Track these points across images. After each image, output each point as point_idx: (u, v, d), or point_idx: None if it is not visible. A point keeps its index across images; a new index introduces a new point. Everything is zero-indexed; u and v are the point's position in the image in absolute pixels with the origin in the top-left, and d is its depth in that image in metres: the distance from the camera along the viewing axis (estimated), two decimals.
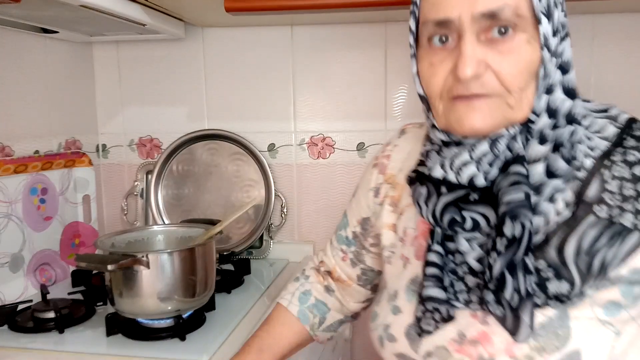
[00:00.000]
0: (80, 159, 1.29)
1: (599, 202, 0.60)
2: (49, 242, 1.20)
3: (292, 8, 1.04)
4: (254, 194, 1.35)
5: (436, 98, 0.63)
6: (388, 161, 0.80)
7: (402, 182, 0.75)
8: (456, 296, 0.64)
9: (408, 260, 0.72)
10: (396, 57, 1.29)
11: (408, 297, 0.70)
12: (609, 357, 0.58)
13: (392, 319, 0.71)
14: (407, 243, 0.73)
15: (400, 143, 0.81)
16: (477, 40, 0.58)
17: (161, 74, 1.40)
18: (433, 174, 0.64)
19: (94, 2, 0.92)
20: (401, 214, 0.75)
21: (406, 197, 0.75)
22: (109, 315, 0.90)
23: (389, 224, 0.77)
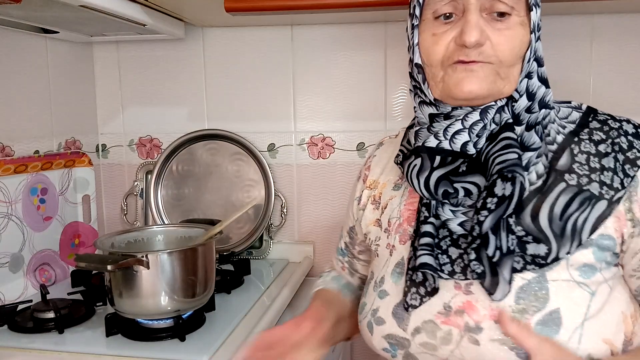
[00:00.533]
0: (80, 159, 1.29)
1: (570, 172, 0.68)
2: (48, 242, 1.20)
3: (292, 8, 1.04)
4: (254, 194, 1.35)
5: (437, 66, 0.68)
6: (368, 172, 0.88)
7: (383, 182, 0.84)
8: (441, 268, 0.68)
9: (393, 247, 0.77)
10: (396, 57, 1.29)
11: (394, 279, 0.74)
12: (585, 315, 0.63)
13: (380, 303, 0.74)
14: (392, 231, 0.78)
15: (378, 154, 0.89)
16: (479, 14, 0.65)
17: (161, 74, 1.40)
18: (427, 144, 0.69)
19: (94, 2, 0.92)
20: (384, 208, 0.81)
21: (387, 193, 0.82)
22: (108, 316, 0.90)
23: (373, 221, 0.83)
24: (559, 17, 1.21)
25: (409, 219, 0.76)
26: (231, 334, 0.92)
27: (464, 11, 0.65)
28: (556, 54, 1.22)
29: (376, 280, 0.77)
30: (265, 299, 1.09)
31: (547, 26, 1.24)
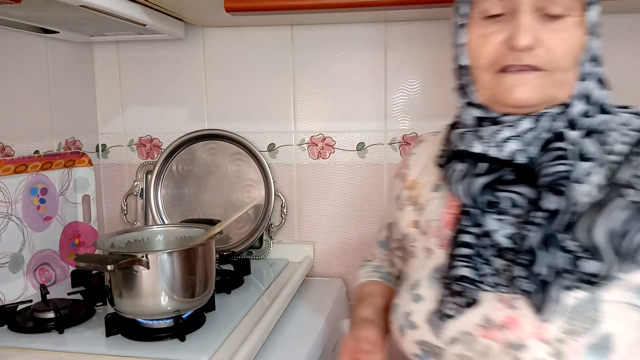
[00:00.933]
0: (80, 159, 1.29)
1: (630, 186, 0.62)
2: (48, 242, 1.20)
3: (292, 8, 1.04)
4: (254, 194, 1.35)
5: (484, 69, 0.64)
6: (407, 170, 0.84)
7: (423, 182, 0.80)
8: (484, 280, 0.64)
9: (431, 250, 0.74)
10: (396, 57, 1.29)
11: (430, 284, 0.71)
12: (639, 340, 0.59)
13: (413, 306, 0.71)
14: (431, 235, 0.75)
15: (417, 151, 0.85)
16: (531, 15, 0.61)
17: (161, 74, 1.40)
18: (473, 149, 0.66)
19: (94, 2, 0.92)
20: (423, 210, 0.78)
21: (427, 194, 0.79)
22: (108, 316, 0.90)
23: (411, 222, 0.80)
24: None
25: (450, 223, 0.72)
26: (231, 334, 0.92)
27: (515, 11, 0.61)
28: None
29: (411, 283, 0.74)
30: (265, 299, 1.09)
31: None
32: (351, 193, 1.35)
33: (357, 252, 1.37)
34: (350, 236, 1.36)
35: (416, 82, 1.29)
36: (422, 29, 1.27)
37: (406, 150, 1.31)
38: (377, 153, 1.32)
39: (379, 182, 1.33)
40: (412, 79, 1.29)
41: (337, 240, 1.37)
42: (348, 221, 1.36)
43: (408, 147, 1.30)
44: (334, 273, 1.38)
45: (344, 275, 1.38)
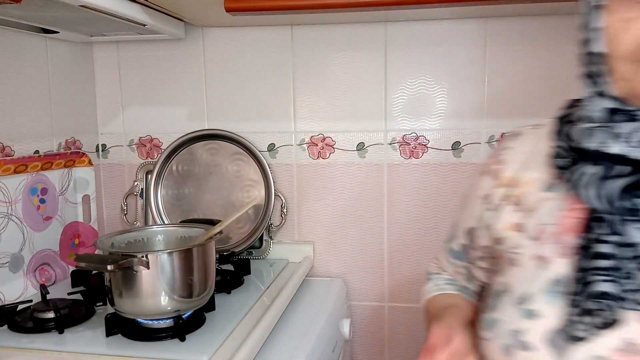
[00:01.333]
0: (80, 159, 1.29)
1: None
2: (48, 242, 1.20)
3: (292, 8, 1.04)
4: (254, 194, 1.35)
5: (624, 58, 0.56)
6: (500, 166, 0.74)
7: (527, 180, 0.70)
8: (623, 296, 0.56)
9: (547, 259, 0.64)
10: (396, 57, 1.29)
11: (549, 299, 0.62)
12: None
13: (526, 324, 0.62)
14: (546, 241, 0.65)
15: (514, 145, 0.75)
16: None
17: (161, 74, 1.40)
18: (606, 149, 0.57)
19: (94, 2, 0.92)
20: (531, 211, 0.68)
21: (536, 193, 0.68)
22: (108, 316, 0.90)
23: (512, 224, 0.70)
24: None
25: (572, 229, 0.62)
26: (231, 334, 0.92)
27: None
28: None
29: (517, 296, 0.65)
30: (265, 299, 1.09)
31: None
32: (351, 193, 1.35)
33: (357, 252, 1.37)
34: (350, 236, 1.37)
35: (416, 82, 1.29)
36: (422, 29, 1.27)
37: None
38: (377, 153, 1.32)
39: (379, 182, 1.33)
40: (412, 79, 1.29)
41: (337, 240, 1.37)
42: (348, 221, 1.36)
43: (407, 146, 1.30)
44: (334, 273, 1.39)
45: (344, 275, 1.38)
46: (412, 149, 1.31)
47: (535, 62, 1.23)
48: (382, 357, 1.40)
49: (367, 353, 1.40)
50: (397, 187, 1.33)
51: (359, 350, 1.41)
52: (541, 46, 1.23)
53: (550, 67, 1.23)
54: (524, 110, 1.25)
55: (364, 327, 1.40)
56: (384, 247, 1.35)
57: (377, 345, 1.40)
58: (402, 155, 1.31)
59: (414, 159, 1.31)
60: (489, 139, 1.27)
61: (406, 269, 1.35)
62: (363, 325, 1.39)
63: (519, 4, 1.03)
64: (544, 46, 1.22)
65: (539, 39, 1.22)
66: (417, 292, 1.35)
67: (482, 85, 1.26)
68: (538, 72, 1.23)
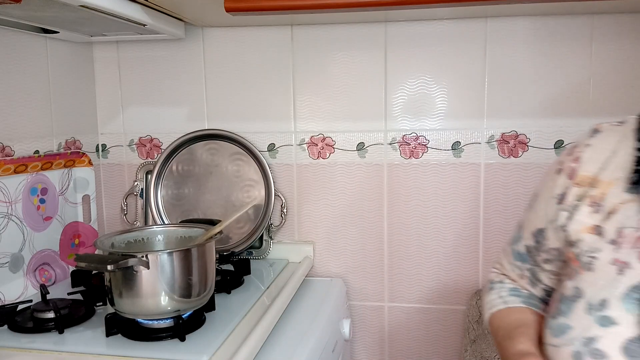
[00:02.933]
0: (80, 159, 1.29)
1: None
2: (48, 242, 1.20)
3: (292, 8, 1.04)
4: (254, 194, 1.35)
5: None
6: (578, 164, 0.71)
7: (608, 180, 0.67)
8: None
9: (627, 264, 0.62)
10: (396, 57, 1.29)
11: (628, 306, 0.60)
12: None
13: (601, 332, 0.61)
14: (626, 245, 0.63)
15: (594, 142, 0.71)
16: None
17: (161, 74, 1.40)
18: None
19: (94, 2, 0.92)
20: (611, 213, 0.65)
21: (617, 195, 0.65)
22: (108, 316, 0.90)
23: (588, 227, 0.67)
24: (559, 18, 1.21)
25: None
26: (231, 334, 0.92)
27: None
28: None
29: (592, 302, 0.63)
30: (265, 299, 1.09)
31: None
32: (351, 193, 1.35)
33: (357, 252, 1.37)
34: (350, 236, 1.37)
35: (416, 82, 1.29)
36: (422, 29, 1.27)
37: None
38: (377, 153, 1.32)
39: (379, 182, 1.33)
40: (412, 79, 1.29)
41: (337, 240, 1.37)
42: (348, 221, 1.36)
43: (407, 146, 1.31)
44: (334, 273, 1.39)
45: (344, 275, 1.38)
46: (412, 149, 1.31)
47: (535, 61, 1.23)
48: (382, 357, 1.40)
49: (367, 353, 1.40)
50: (397, 187, 1.33)
51: (359, 350, 1.41)
52: (541, 46, 1.23)
53: (550, 67, 1.23)
54: (523, 110, 1.25)
55: (364, 327, 1.40)
56: (384, 247, 1.35)
57: (377, 345, 1.40)
58: (402, 155, 1.31)
59: (414, 159, 1.31)
60: (489, 139, 1.27)
61: (406, 269, 1.35)
62: (363, 325, 1.39)
63: (519, 3, 1.03)
64: (544, 46, 1.22)
65: (539, 39, 1.22)
66: (417, 292, 1.35)
67: (482, 85, 1.26)
68: (538, 71, 1.23)
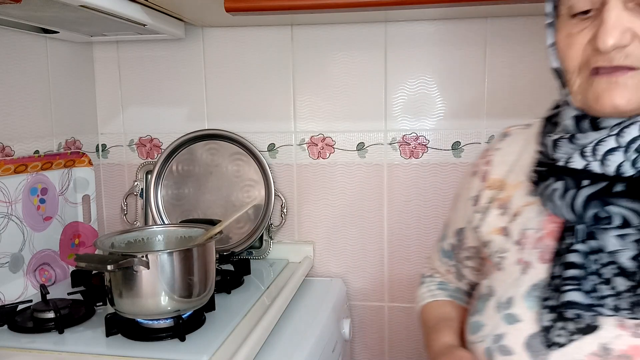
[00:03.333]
0: (80, 159, 1.29)
1: None
2: (48, 242, 1.20)
3: (292, 8, 1.04)
4: (254, 194, 1.35)
5: (573, 72, 0.59)
6: (489, 167, 0.75)
7: (514, 183, 0.70)
8: (600, 302, 0.56)
9: (529, 264, 0.65)
10: (396, 57, 1.29)
11: (529, 304, 0.62)
12: None
13: (506, 328, 0.63)
14: (528, 246, 0.66)
15: (503, 146, 0.76)
16: (623, 7, 0.53)
17: (161, 74, 1.40)
18: (572, 164, 0.59)
19: (94, 2, 0.92)
20: (516, 216, 0.68)
21: (521, 198, 0.69)
22: (108, 316, 0.90)
23: (497, 229, 0.70)
24: None
25: (553, 234, 0.63)
26: (231, 334, 0.92)
27: (603, 4, 0.54)
28: None
29: (500, 300, 0.65)
30: (265, 299, 1.09)
31: None
32: (351, 193, 1.35)
33: (357, 252, 1.37)
34: (350, 236, 1.37)
35: (416, 82, 1.29)
36: (422, 29, 1.27)
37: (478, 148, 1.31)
38: (377, 153, 1.32)
39: (379, 182, 1.33)
40: (412, 79, 1.29)
41: (337, 240, 1.37)
42: (348, 221, 1.36)
43: (407, 146, 1.31)
44: (334, 273, 1.39)
45: (344, 275, 1.38)
46: (412, 149, 1.31)
47: (536, 61, 1.23)
48: (382, 357, 1.40)
49: (367, 353, 1.40)
50: (397, 187, 1.33)
51: (359, 350, 1.41)
52: (541, 46, 1.22)
53: (549, 67, 1.22)
54: (523, 110, 1.25)
55: (364, 327, 1.40)
56: (384, 247, 1.35)
57: (377, 345, 1.40)
58: (402, 155, 1.31)
59: (414, 159, 1.31)
60: (489, 139, 1.27)
61: (406, 269, 1.35)
62: (363, 325, 1.39)
63: (519, 4, 1.03)
64: (544, 46, 1.22)
65: (539, 39, 1.22)
66: None
67: (482, 85, 1.26)
68: (538, 71, 1.23)
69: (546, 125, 0.68)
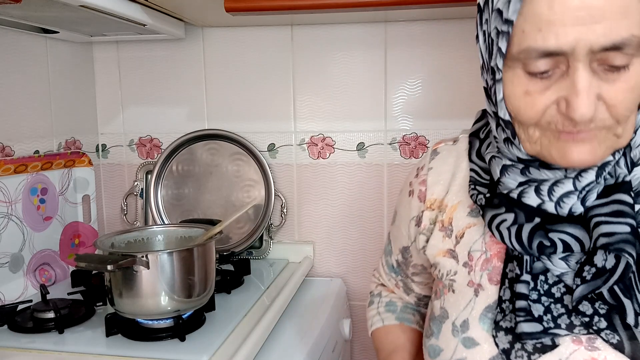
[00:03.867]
0: (80, 159, 1.29)
1: None
2: (48, 242, 1.20)
3: (292, 8, 1.04)
4: (254, 194, 1.35)
5: (528, 127, 0.56)
6: (425, 187, 0.73)
7: (453, 204, 0.69)
8: (556, 322, 0.57)
9: (480, 286, 0.64)
10: (396, 57, 1.29)
11: (484, 326, 0.62)
12: None
13: (466, 353, 0.62)
14: (476, 268, 0.65)
15: (435, 165, 0.73)
16: (590, 70, 0.50)
17: (161, 74, 1.40)
18: (527, 201, 0.59)
19: (94, 2, 0.92)
20: (460, 238, 0.67)
21: (462, 219, 0.68)
22: (108, 316, 0.90)
23: (443, 251, 0.69)
24: None
25: (499, 254, 0.63)
26: (231, 334, 0.92)
27: (568, 66, 0.51)
28: None
29: (455, 323, 0.64)
30: (265, 299, 1.09)
31: None
32: (351, 193, 1.35)
33: (357, 252, 1.37)
34: (350, 236, 1.37)
35: (416, 82, 1.29)
36: (422, 29, 1.27)
37: (410, 154, 1.31)
38: (377, 153, 1.32)
39: (379, 182, 1.33)
40: (412, 79, 1.29)
41: (337, 240, 1.37)
42: (348, 221, 1.36)
43: (407, 146, 1.30)
44: (334, 273, 1.39)
45: (344, 275, 1.38)
46: (412, 149, 1.31)
47: None
48: None
49: (367, 353, 1.40)
50: (397, 187, 1.33)
51: (359, 350, 1.41)
52: None
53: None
54: None
55: (364, 327, 1.39)
56: None
57: None
58: (402, 155, 1.31)
59: (414, 159, 1.31)
60: None
61: None
62: (363, 325, 1.39)
63: None
64: None
65: None
66: None
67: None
68: None
69: (473, 142, 0.68)
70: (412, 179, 0.76)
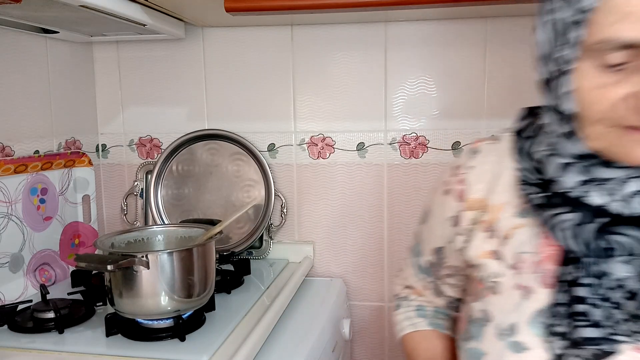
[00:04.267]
0: (80, 159, 1.29)
1: None
2: (48, 242, 1.20)
3: (292, 8, 1.04)
4: (254, 194, 1.35)
5: (594, 122, 0.54)
6: (464, 186, 0.70)
7: (498, 204, 0.66)
8: (617, 328, 0.55)
9: (530, 289, 0.62)
10: (396, 57, 1.29)
11: (536, 331, 0.60)
12: None
13: (514, 357, 0.60)
14: (526, 270, 0.63)
15: (476, 164, 0.70)
16: None
17: (161, 74, 1.40)
18: (589, 200, 0.57)
19: (94, 2, 0.92)
20: (506, 238, 0.65)
21: (509, 220, 0.65)
22: (108, 316, 0.90)
23: (487, 252, 0.66)
24: None
25: (552, 257, 0.61)
26: (231, 334, 0.92)
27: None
28: None
29: (501, 326, 0.62)
30: (265, 299, 1.09)
31: None
32: (351, 193, 1.35)
33: (357, 252, 1.37)
34: (350, 236, 1.37)
35: (416, 82, 1.29)
36: (422, 29, 1.27)
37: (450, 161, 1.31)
38: (377, 153, 1.32)
39: (379, 182, 1.33)
40: (412, 79, 1.29)
41: (337, 240, 1.37)
42: (348, 221, 1.36)
43: (407, 146, 1.30)
44: (334, 273, 1.39)
45: (344, 275, 1.38)
46: (412, 149, 1.31)
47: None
48: (382, 357, 1.40)
49: (367, 353, 1.40)
50: (397, 187, 1.33)
51: (359, 350, 1.41)
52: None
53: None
54: None
55: (364, 327, 1.40)
56: (384, 247, 1.35)
57: (377, 345, 1.40)
58: (402, 155, 1.31)
59: (414, 159, 1.31)
60: None
61: None
62: (363, 325, 1.39)
63: (519, 4, 1.03)
64: None
65: None
66: None
67: (482, 85, 1.26)
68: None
69: (520, 141, 0.66)
70: (448, 178, 0.73)
